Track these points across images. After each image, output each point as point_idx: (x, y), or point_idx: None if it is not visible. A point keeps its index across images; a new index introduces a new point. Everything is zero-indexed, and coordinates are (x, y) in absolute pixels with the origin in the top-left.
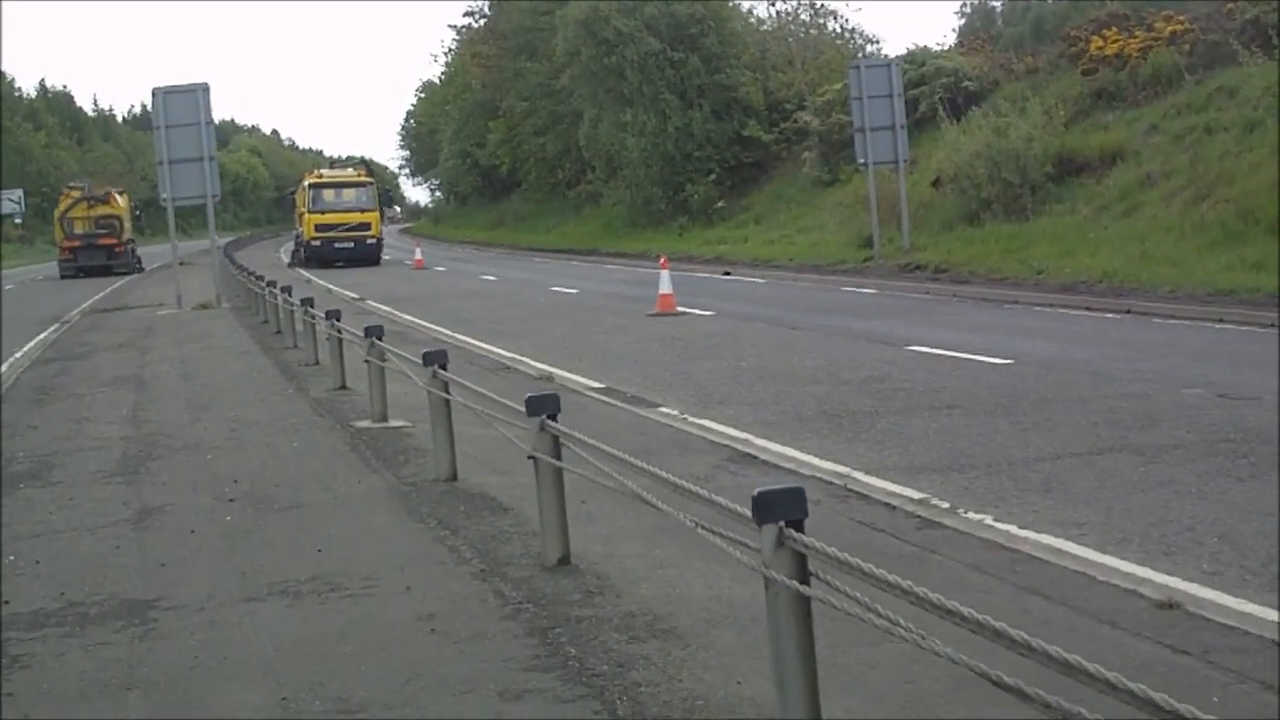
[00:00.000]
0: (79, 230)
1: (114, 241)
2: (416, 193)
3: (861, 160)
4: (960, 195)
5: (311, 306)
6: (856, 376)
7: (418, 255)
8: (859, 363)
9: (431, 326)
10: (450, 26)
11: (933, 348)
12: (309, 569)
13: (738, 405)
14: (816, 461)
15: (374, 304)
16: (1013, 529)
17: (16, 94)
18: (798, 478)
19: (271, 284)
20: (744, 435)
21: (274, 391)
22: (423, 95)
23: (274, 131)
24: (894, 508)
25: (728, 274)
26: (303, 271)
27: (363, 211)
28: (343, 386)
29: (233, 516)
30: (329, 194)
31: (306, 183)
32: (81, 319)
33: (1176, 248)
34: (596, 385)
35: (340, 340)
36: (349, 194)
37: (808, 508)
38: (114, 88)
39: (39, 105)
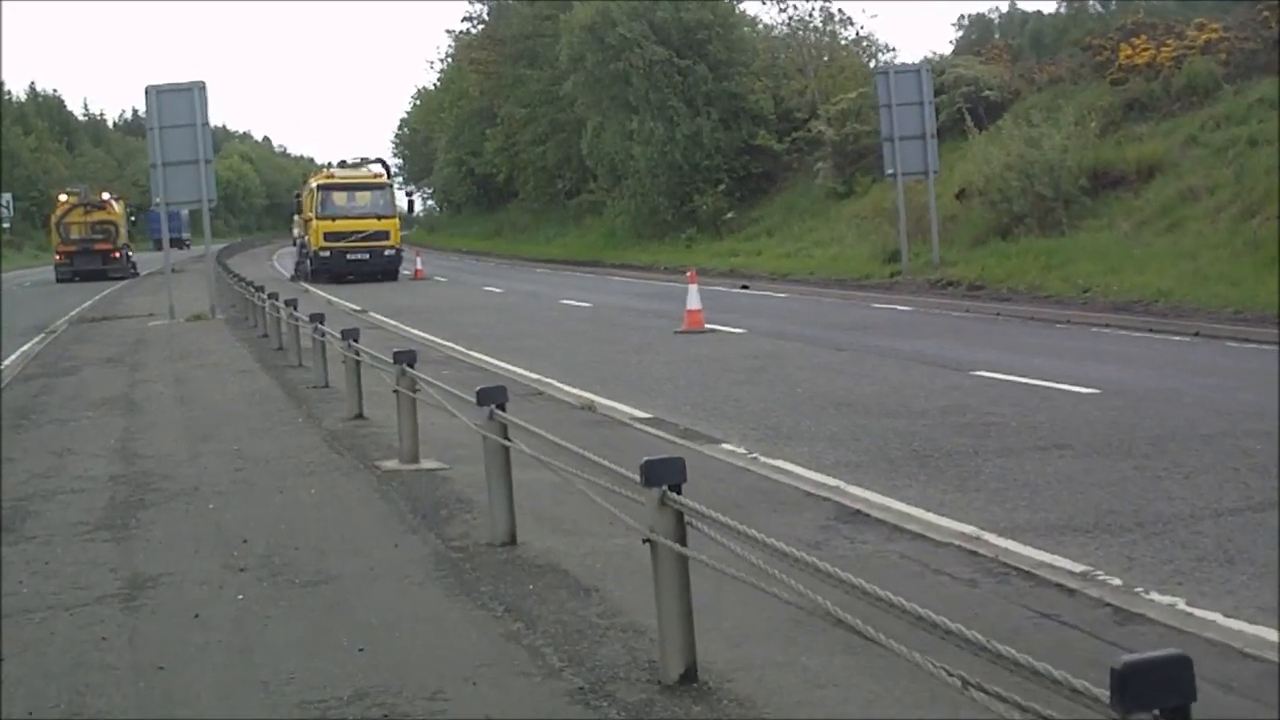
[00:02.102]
0: (75, 235)
1: (110, 247)
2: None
3: (890, 171)
4: (990, 208)
5: (322, 323)
6: (932, 407)
7: (418, 265)
8: (928, 390)
9: (443, 343)
10: (448, 32)
11: (1001, 373)
12: (351, 679)
13: (810, 441)
14: (934, 519)
15: (377, 317)
16: (1218, 618)
17: (6, 97)
18: (928, 544)
19: (273, 296)
20: (833, 481)
21: (281, 420)
22: (418, 102)
23: (265, 138)
24: (1072, 592)
25: (745, 288)
26: (303, 284)
27: (380, 218)
28: (359, 416)
29: (245, 593)
30: (340, 197)
31: (314, 184)
32: (68, 329)
33: (1232, 266)
34: (641, 415)
35: (358, 364)
36: (363, 197)
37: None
38: (105, 92)
39: (28, 109)
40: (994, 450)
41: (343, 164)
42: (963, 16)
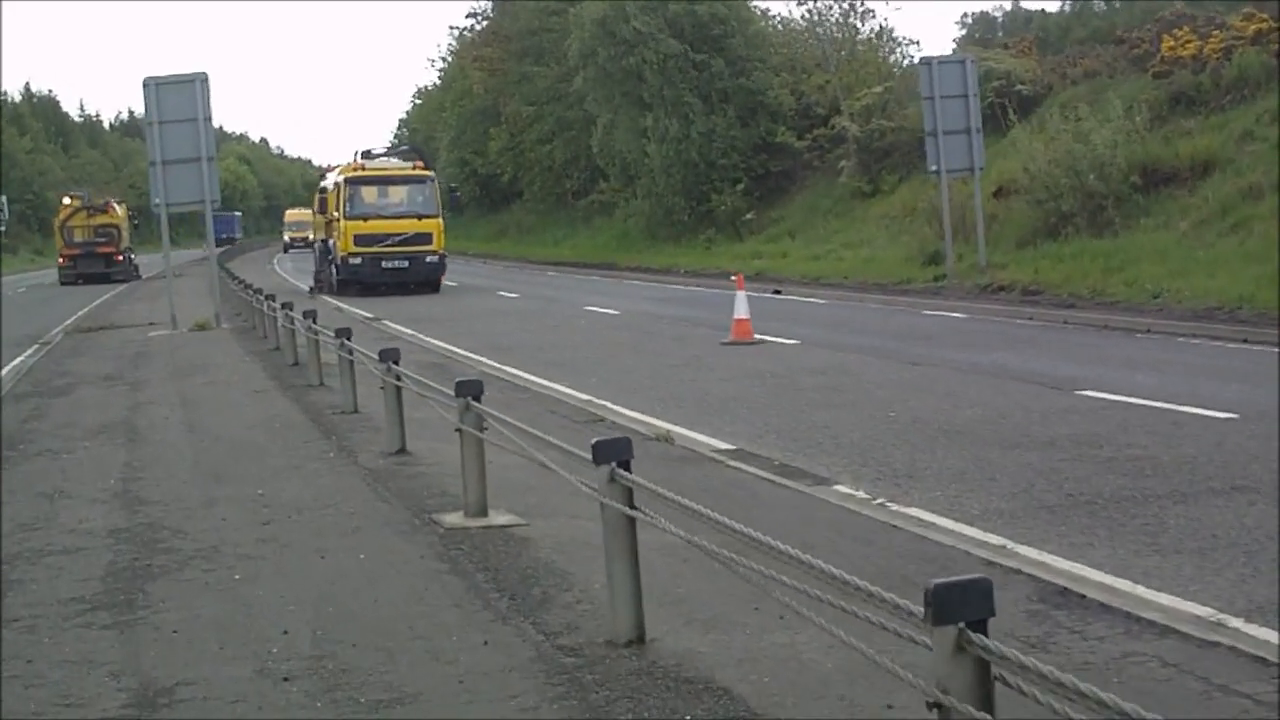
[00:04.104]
0: (79, 239)
1: (113, 250)
2: None
3: (933, 167)
4: (1036, 207)
5: (349, 338)
6: (1057, 435)
7: None
8: (1039, 414)
9: (471, 356)
10: (451, 28)
11: (1110, 392)
12: None
13: (938, 481)
14: (1151, 595)
15: (392, 325)
16: None
17: (2, 98)
18: (1186, 643)
19: (286, 306)
20: (994, 539)
21: (309, 454)
22: (418, 102)
23: (263, 139)
24: None
25: (778, 292)
26: (324, 296)
27: (420, 217)
28: (402, 450)
29: None
30: (372, 193)
31: (340, 177)
32: (63, 339)
33: None
34: (724, 447)
35: (399, 390)
36: (399, 193)
37: None
38: (102, 93)
39: (24, 110)
40: (1163, 494)
41: (368, 154)
42: (965, 15)
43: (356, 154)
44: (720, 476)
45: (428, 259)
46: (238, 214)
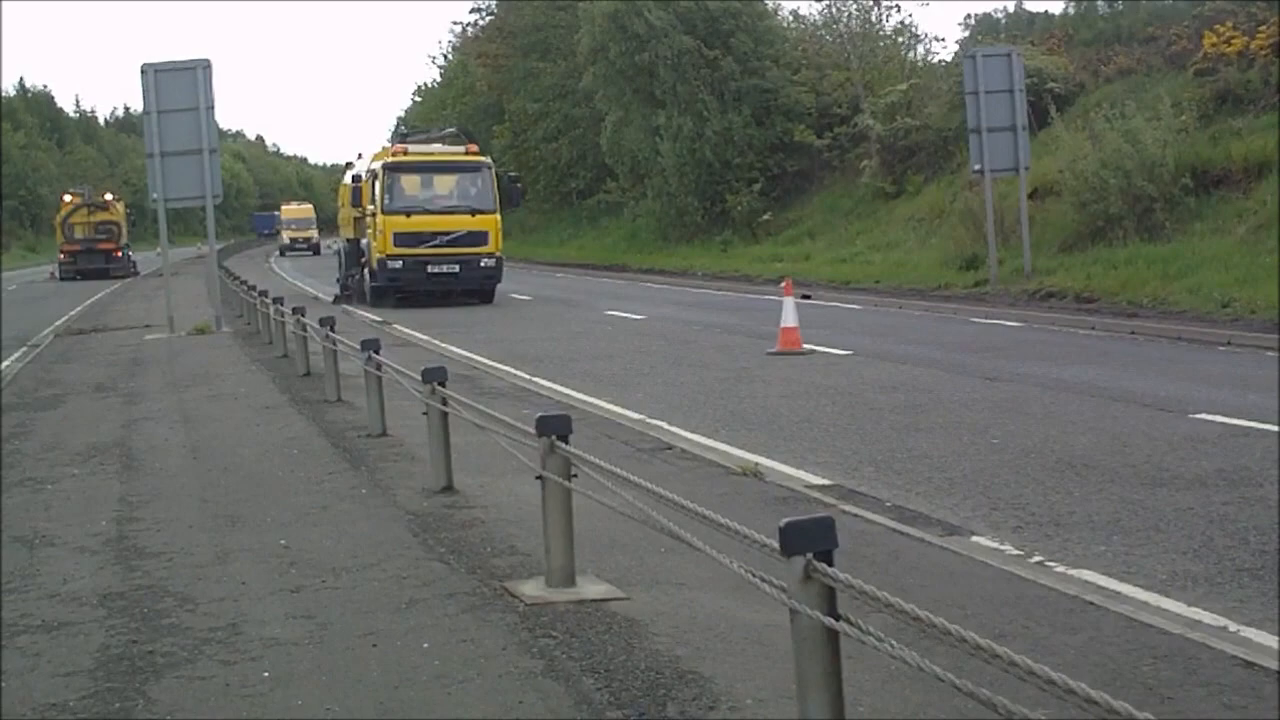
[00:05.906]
0: (79, 235)
1: (112, 246)
2: None
3: (976, 166)
4: (1080, 210)
5: (376, 352)
6: (1201, 471)
7: None
8: (1166, 444)
9: (498, 366)
10: (453, 24)
11: (1230, 417)
12: None
13: (1095, 532)
14: None
15: (404, 330)
16: None
17: None
18: None
19: (298, 311)
20: (1209, 617)
21: (337, 490)
22: (418, 99)
23: (259, 137)
24: None
25: (807, 297)
26: (347, 306)
27: (474, 213)
28: (449, 487)
29: None
30: (415, 183)
31: (378, 164)
32: (54, 342)
33: None
34: (817, 481)
35: (445, 415)
36: (448, 183)
37: None
38: (97, 89)
39: (17, 105)
40: None
41: (403, 136)
42: (969, 15)
43: (400, 130)
44: (841, 527)
45: (482, 263)
46: (277, 213)
